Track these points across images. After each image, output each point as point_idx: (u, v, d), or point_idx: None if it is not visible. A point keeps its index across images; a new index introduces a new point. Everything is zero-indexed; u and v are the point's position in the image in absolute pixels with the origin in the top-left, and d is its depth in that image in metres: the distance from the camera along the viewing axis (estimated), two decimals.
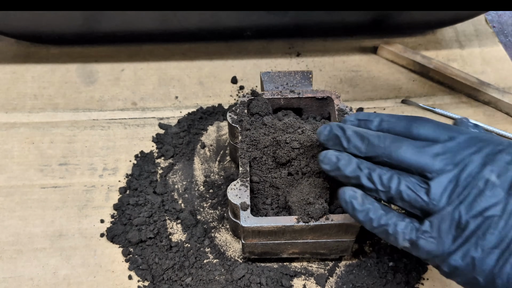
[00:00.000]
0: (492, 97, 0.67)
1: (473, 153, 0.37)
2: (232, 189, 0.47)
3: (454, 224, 0.36)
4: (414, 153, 0.39)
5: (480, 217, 0.35)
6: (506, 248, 0.35)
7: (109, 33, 0.72)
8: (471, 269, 0.36)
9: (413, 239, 0.38)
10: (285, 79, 0.57)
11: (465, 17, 0.73)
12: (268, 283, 0.50)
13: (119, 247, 0.53)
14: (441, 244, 0.37)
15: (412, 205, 0.38)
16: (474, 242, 0.36)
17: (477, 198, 0.36)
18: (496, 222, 0.35)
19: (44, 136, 0.63)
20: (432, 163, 0.38)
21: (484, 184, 0.36)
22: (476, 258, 0.35)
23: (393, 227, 0.39)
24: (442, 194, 0.37)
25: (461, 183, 0.37)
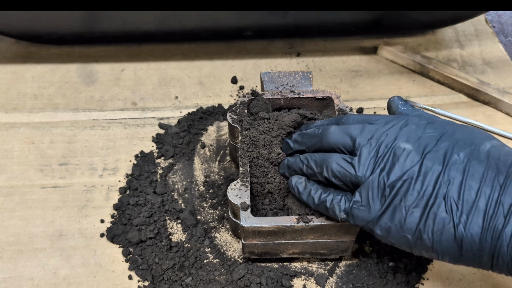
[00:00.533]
0: (492, 97, 0.67)
1: (389, 128, 0.43)
2: (232, 189, 0.47)
3: (379, 191, 0.41)
4: (340, 135, 0.45)
5: (400, 181, 0.40)
6: (426, 205, 0.39)
7: (109, 33, 0.72)
8: (399, 228, 0.40)
9: (347, 210, 0.43)
10: (285, 79, 0.57)
11: (465, 17, 0.73)
12: (268, 283, 0.50)
13: (119, 247, 0.53)
14: (371, 210, 0.41)
15: (344, 180, 0.43)
16: (398, 204, 0.40)
17: (395, 165, 0.40)
18: (413, 183, 0.39)
19: (44, 136, 0.63)
20: (355, 140, 0.43)
21: (401, 152, 0.41)
22: (401, 218, 0.40)
23: (330, 201, 0.44)
24: (365, 166, 0.42)
25: (380, 154, 0.42)
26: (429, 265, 0.52)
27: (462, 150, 0.40)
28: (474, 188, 0.38)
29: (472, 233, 0.37)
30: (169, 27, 0.71)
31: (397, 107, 0.48)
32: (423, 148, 0.40)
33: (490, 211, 0.37)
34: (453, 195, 0.38)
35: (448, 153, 0.40)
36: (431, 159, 0.40)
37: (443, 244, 0.38)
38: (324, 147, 0.46)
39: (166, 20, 0.68)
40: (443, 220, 0.38)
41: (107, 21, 0.68)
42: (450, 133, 0.41)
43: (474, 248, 0.37)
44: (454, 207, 0.38)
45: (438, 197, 0.38)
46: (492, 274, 0.52)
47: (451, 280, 0.51)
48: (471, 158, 0.39)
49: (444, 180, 0.39)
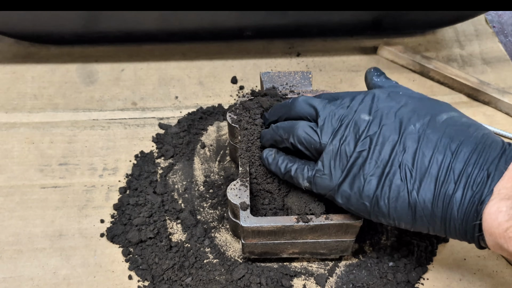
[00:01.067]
0: (492, 97, 0.67)
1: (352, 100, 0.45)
2: (232, 189, 0.47)
3: (340, 159, 0.42)
4: (306, 104, 0.47)
5: (358, 150, 0.42)
6: (382, 173, 0.40)
7: (109, 33, 0.72)
8: (358, 196, 0.42)
9: (310, 178, 0.44)
10: (285, 79, 0.57)
11: (465, 17, 0.73)
12: (268, 283, 0.50)
13: (119, 247, 0.53)
14: (332, 179, 0.43)
15: (309, 147, 0.45)
16: (357, 172, 0.42)
17: (356, 134, 0.42)
18: (371, 152, 0.41)
19: (44, 136, 0.63)
20: (322, 109, 0.45)
21: (361, 122, 0.42)
22: (360, 186, 0.41)
23: (294, 170, 0.46)
24: (328, 134, 0.43)
25: (342, 124, 0.43)
26: (429, 265, 0.52)
27: (418, 120, 0.41)
28: (427, 155, 0.39)
29: (424, 199, 0.39)
30: (169, 27, 0.71)
31: (371, 78, 0.49)
32: (381, 119, 0.42)
33: (441, 178, 0.38)
34: (407, 163, 0.40)
35: (404, 123, 0.41)
36: (388, 129, 0.41)
37: (398, 210, 0.40)
38: (292, 116, 0.48)
39: (166, 20, 0.68)
40: (398, 187, 0.40)
41: (107, 21, 0.68)
42: (409, 105, 0.43)
43: (427, 214, 0.39)
44: (408, 174, 0.39)
45: (394, 165, 0.40)
46: (492, 274, 0.52)
47: (451, 280, 0.51)
48: (427, 128, 0.41)
49: (400, 149, 0.40)
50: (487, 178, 0.37)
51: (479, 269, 0.52)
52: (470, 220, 0.37)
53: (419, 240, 0.53)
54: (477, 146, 0.39)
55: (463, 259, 0.53)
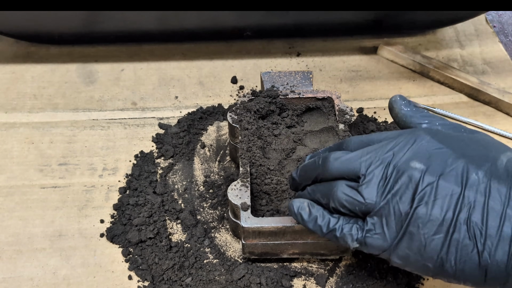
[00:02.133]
0: (493, 97, 0.67)
1: (395, 146, 0.39)
2: (232, 189, 0.47)
3: (394, 217, 0.37)
4: (341, 162, 0.41)
5: (415, 205, 0.36)
6: (447, 231, 0.36)
7: (109, 33, 0.72)
8: (419, 256, 0.37)
9: (360, 239, 0.39)
10: (286, 79, 0.57)
11: (465, 17, 0.73)
12: (268, 283, 0.50)
13: (119, 247, 0.53)
14: (386, 239, 0.38)
15: (353, 208, 0.40)
16: (416, 231, 0.37)
17: (409, 187, 0.37)
18: (431, 208, 0.36)
19: (44, 136, 0.63)
20: (359, 165, 0.40)
21: (412, 173, 0.37)
22: (421, 246, 0.37)
23: (340, 230, 0.40)
24: (373, 191, 0.38)
25: (389, 177, 0.38)
26: None
27: (480, 168, 0.36)
28: (497, 211, 0.35)
29: (497, 261, 0.35)
30: (169, 27, 0.71)
31: (400, 108, 0.44)
32: (437, 167, 0.37)
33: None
34: (476, 220, 0.35)
35: (465, 172, 0.36)
36: (448, 179, 0.36)
37: (467, 272, 0.36)
38: (327, 178, 0.42)
39: (166, 20, 0.68)
40: (466, 247, 0.35)
41: (107, 21, 0.68)
42: (463, 148, 0.38)
43: (500, 275, 0.35)
44: (477, 233, 0.35)
45: (460, 223, 0.35)
46: None
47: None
48: (490, 177, 0.36)
49: (465, 204, 0.35)
50: None
51: None
52: None
53: None
54: None
55: None
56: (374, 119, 0.65)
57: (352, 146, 0.43)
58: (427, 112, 0.44)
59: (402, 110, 0.44)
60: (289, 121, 0.55)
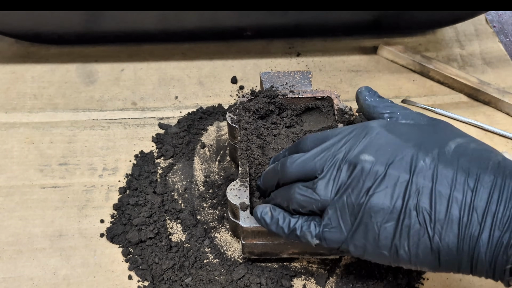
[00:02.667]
0: (493, 97, 0.67)
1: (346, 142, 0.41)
2: (231, 189, 0.47)
3: (347, 209, 0.39)
4: (296, 166, 0.43)
5: (366, 196, 0.38)
6: (398, 218, 0.37)
7: (109, 33, 0.72)
8: (374, 245, 0.38)
9: (319, 234, 0.41)
10: (285, 79, 0.57)
11: (465, 17, 0.73)
12: (268, 283, 0.50)
13: (119, 247, 0.53)
14: (342, 231, 0.39)
15: (311, 207, 0.41)
16: (369, 220, 0.38)
17: (360, 180, 0.38)
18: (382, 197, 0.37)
19: (44, 136, 0.63)
20: (314, 165, 0.41)
21: (362, 165, 0.38)
22: (375, 235, 0.38)
23: (300, 229, 0.42)
24: (327, 188, 0.40)
25: (341, 172, 0.40)
26: None
27: (427, 154, 0.37)
28: (445, 195, 0.36)
29: (448, 243, 0.36)
30: (169, 27, 0.71)
31: (364, 99, 0.46)
32: (386, 157, 0.38)
33: (464, 219, 0.35)
34: (424, 205, 0.36)
35: (413, 159, 0.37)
36: (396, 168, 0.37)
37: (421, 257, 0.37)
38: (287, 182, 0.44)
39: (166, 20, 0.68)
40: (417, 232, 0.36)
41: (107, 21, 0.68)
42: (412, 136, 0.39)
43: (452, 258, 0.36)
44: (427, 218, 0.36)
45: (410, 209, 0.37)
46: None
47: (451, 280, 0.51)
48: (437, 163, 0.37)
49: (414, 190, 0.37)
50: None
51: None
52: (499, 263, 0.35)
53: None
54: (497, 179, 0.36)
55: None
56: None
57: (308, 145, 0.44)
58: (390, 102, 0.45)
59: (366, 101, 0.46)
60: (288, 121, 0.55)
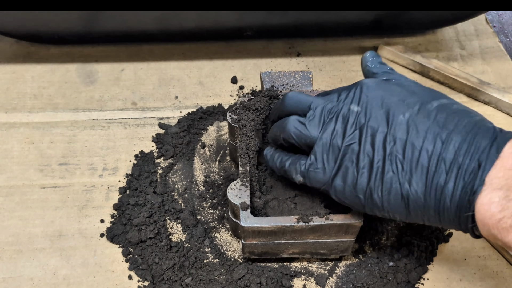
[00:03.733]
0: (493, 97, 0.67)
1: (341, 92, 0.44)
2: (232, 189, 0.47)
3: (332, 152, 0.42)
4: (295, 99, 0.46)
5: (349, 142, 0.41)
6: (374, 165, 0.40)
7: (109, 33, 0.72)
8: (352, 189, 0.41)
9: (304, 172, 0.44)
10: (285, 79, 0.57)
11: (465, 17, 0.73)
12: (268, 283, 0.50)
13: (119, 247, 0.53)
14: (325, 172, 0.43)
15: (299, 141, 0.45)
16: (349, 165, 0.41)
17: (346, 126, 0.42)
18: (362, 144, 0.41)
19: (44, 136, 0.63)
20: (310, 101, 0.45)
21: (349, 114, 0.42)
22: (353, 179, 0.41)
23: (288, 165, 0.46)
24: (317, 127, 0.43)
25: (331, 116, 0.43)
26: (429, 265, 0.52)
27: (407, 110, 0.40)
28: (417, 146, 0.39)
29: (417, 190, 0.38)
30: (169, 27, 0.71)
31: (366, 63, 0.48)
32: (371, 110, 0.41)
33: (432, 168, 0.38)
34: (398, 155, 0.39)
35: (392, 113, 0.40)
36: (377, 120, 0.41)
37: (392, 203, 0.40)
38: (285, 113, 0.47)
39: (166, 20, 0.68)
40: (390, 179, 0.39)
41: (107, 21, 0.68)
42: (398, 94, 0.42)
43: (420, 205, 0.39)
44: (399, 166, 0.39)
45: (385, 157, 0.40)
46: (492, 274, 0.52)
47: (451, 280, 0.51)
48: (415, 117, 0.40)
49: (389, 140, 0.40)
50: (478, 168, 0.36)
51: (479, 269, 0.52)
52: (463, 211, 0.37)
53: (419, 240, 0.53)
54: (468, 135, 0.38)
55: (464, 259, 0.53)
56: None
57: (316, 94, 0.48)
58: (390, 69, 0.47)
59: (367, 66, 0.48)
60: None
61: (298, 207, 0.49)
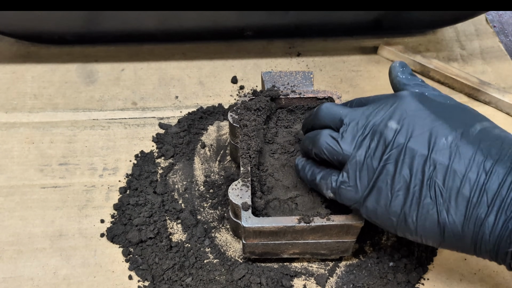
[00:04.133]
0: (493, 97, 0.67)
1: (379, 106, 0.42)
2: (233, 189, 0.47)
3: (366, 171, 0.40)
4: (329, 112, 0.45)
5: (386, 162, 0.39)
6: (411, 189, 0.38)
7: (109, 33, 0.72)
8: (385, 211, 0.40)
9: (335, 189, 0.43)
10: (286, 79, 0.57)
11: (465, 17, 0.73)
12: (268, 283, 0.50)
13: (119, 247, 0.53)
14: (358, 191, 0.41)
15: (331, 157, 0.43)
16: (384, 186, 0.39)
17: (382, 145, 0.40)
18: (400, 166, 0.39)
19: (44, 136, 0.63)
20: (343, 117, 0.43)
21: (388, 131, 0.40)
22: (387, 201, 0.39)
23: (319, 179, 0.44)
24: (351, 144, 0.41)
25: (367, 133, 0.41)
26: (430, 265, 0.52)
27: (450, 133, 0.38)
28: (459, 174, 0.37)
29: (455, 220, 0.37)
30: (169, 27, 0.71)
31: (396, 74, 0.46)
32: (410, 129, 0.39)
33: (473, 199, 0.36)
34: (437, 181, 0.37)
35: (435, 135, 0.38)
36: (417, 142, 0.39)
37: (427, 229, 0.39)
38: (317, 125, 0.46)
39: (166, 20, 0.68)
40: (427, 205, 0.38)
41: (107, 21, 0.68)
42: (440, 113, 0.40)
43: (456, 234, 0.38)
44: (438, 193, 0.37)
45: (424, 182, 0.38)
46: (492, 274, 0.52)
47: (452, 280, 0.51)
48: (459, 142, 0.38)
49: (430, 165, 0.38)
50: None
51: (479, 269, 0.52)
52: (502, 246, 0.36)
53: None
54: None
55: (464, 259, 0.53)
56: None
57: (354, 105, 0.46)
58: (421, 82, 0.45)
59: (397, 76, 0.46)
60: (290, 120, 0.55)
61: (299, 208, 0.49)
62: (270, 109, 0.54)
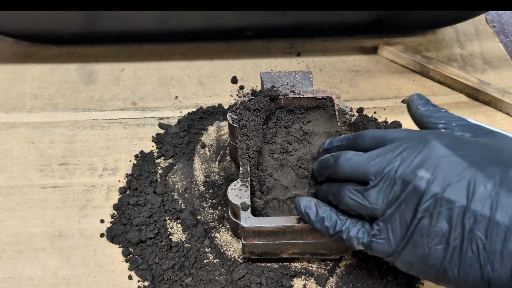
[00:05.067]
0: (493, 97, 0.67)
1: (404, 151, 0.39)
2: (232, 189, 0.47)
3: (399, 224, 0.38)
4: (350, 165, 0.41)
5: (420, 215, 0.37)
6: (450, 243, 0.36)
7: (109, 33, 0.72)
8: (422, 264, 0.38)
9: (366, 243, 0.40)
10: (286, 79, 0.57)
11: (465, 17, 0.73)
12: (268, 283, 0.50)
13: (119, 247, 0.53)
14: (391, 244, 0.39)
15: (360, 212, 0.40)
16: (420, 240, 0.37)
17: (414, 197, 0.37)
18: (435, 219, 0.36)
19: (44, 136, 0.63)
20: (367, 169, 0.40)
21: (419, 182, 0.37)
22: (424, 255, 0.37)
23: (346, 233, 0.41)
24: (380, 198, 0.39)
25: (396, 184, 0.38)
26: None
27: (488, 180, 0.35)
28: (503, 226, 0.34)
29: (500, 276, 0.34)
30: (169, 27, 0.71)
31: (417, 107, 0.44)
32: (444, 177, 0.36)
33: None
34: (480, 234, 0.35)
35: (473, 183, 0.35)
36: (454, 191, 0.36)
37: (470, 282, 0.36)
38: (338, 178, 0.43)
39: (166, 20, 0.68)
40: (469, 260, 0.35)
41: (107, 21, 0.68)
42: (474, 155, 0.37)
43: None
44: (481, 247, 0.35)
45: (464, 236, 0.35)
46: None
47: None
48: (499, 190, 0.35)
49: (470, 217, 0.35)
50: None
51: None
52: None
53: None
54: None
55: None
56: (374, 119, 0.65)
57: (366, 142, 0.43)
58: (445, 112, 0.44)
59: (418, 109, 0.44)
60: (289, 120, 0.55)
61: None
62: (269, 109, 0.54)
